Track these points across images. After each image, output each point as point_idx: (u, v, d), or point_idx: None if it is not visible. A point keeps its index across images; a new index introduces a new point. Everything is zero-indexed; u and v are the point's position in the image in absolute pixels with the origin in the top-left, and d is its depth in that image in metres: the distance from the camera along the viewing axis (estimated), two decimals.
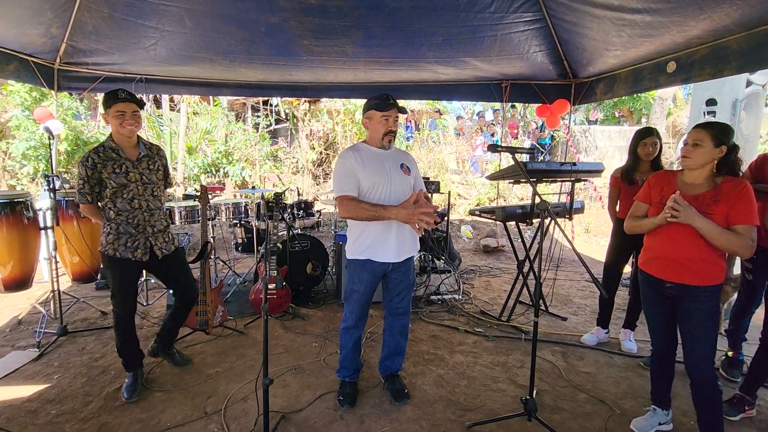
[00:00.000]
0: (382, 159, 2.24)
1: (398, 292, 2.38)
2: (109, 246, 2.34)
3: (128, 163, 2.34)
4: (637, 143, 2.89)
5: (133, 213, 2.36)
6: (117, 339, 2.48)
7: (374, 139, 2.25)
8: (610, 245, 3.10)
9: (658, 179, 2.11)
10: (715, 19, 2.76)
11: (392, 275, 2.34)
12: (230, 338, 3.24)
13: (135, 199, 2.36)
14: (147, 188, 2.41)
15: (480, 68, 4.53)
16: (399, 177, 2.25)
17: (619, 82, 4.17)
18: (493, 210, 3.32)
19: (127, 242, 2.36)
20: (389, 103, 2.16)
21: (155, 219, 2.45)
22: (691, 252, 1.92)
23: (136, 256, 2.38)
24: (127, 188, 2.33)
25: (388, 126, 2.20)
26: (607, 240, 6.20)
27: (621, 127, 12.22)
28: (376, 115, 2.19)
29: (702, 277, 1.91)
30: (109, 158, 2.30)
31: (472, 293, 4.36)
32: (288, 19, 3.53)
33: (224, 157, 8.92)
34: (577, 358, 3.01)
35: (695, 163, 1.91)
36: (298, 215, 4.31)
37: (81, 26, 3.79)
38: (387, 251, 2.23)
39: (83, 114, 7.98)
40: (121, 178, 2.30)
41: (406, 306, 2.45)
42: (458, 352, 3.07)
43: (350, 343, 2.41)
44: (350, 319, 2.38)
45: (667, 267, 1.99)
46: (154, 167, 2.46)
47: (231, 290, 4.16)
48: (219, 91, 5.44)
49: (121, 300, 2.42)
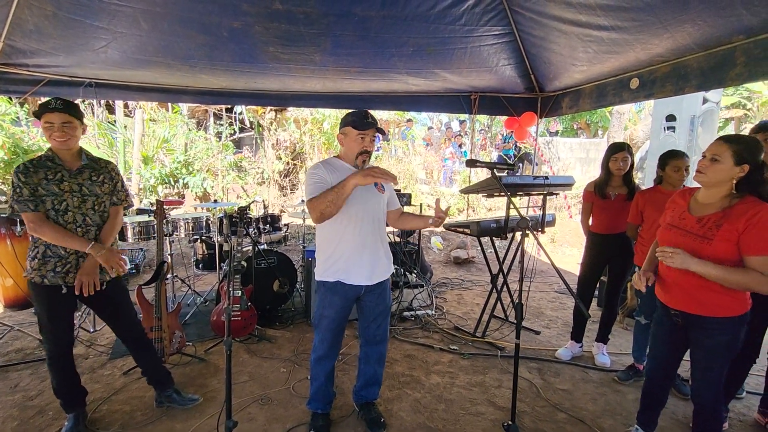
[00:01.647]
0: None
1: (374, 317, 2.24)
2: (35, 272, 2.03)
3: (64, 172, 2.07)
4: (609, 158, 2.92)
5: (63, 228, 2.05)
6: (52, 378, 2.17)
7: (348, 157, 2.12)
8: (584, 259, 3.11)
9: (674, 199, 1.95)
10: (677, 39, 2.85)
11: (366, 299, 2.19)
12: (189, 366, 2.97)
13: (69, 211, 2.06)
14: (86, 201, 2.11)
15: (450, 80, 4.52)
16: (373, 196, 2.13)
17: (584, 97, 4.27)
18: (467, 225, 3.26)
19: (56, 266, 2.04)
20: (367, 122, 2.04)
21: (91, 236, 2.13)
22: (694, 279, 1.71)
23: (68, 282, 2.06)
24: (59, 198, 2.03)
25: (364, 145, 2.06)
26: (573, 249, 6.24)
27: (581, 139, 12.73)
28: (353, 132, 2.06)
29: (709, 307, 1.72)
30: (43, 166, 2.04)
31: (445, 308, 4.28)
32: (252, 24, 3.36)
33: (184, 167, 8.46)
34: (553, 374, 2.97)
35: (709, 181, 1.71)
36: (264, 230, 4.09)
37: (20, 24, 3.44)
38: (359, 273, 2.09)
39: (24, 120, 7.32)
40: (52, 185, 2.02)
41: (383, 333, 2.30)
42: (434, 373, 2.95)
43: (323, 375, 2.23)
44: (321, 348, 2.20)
45: (671, 293, 1.85)
46: (98, 179, 2.18)
47: (191, 311, 3.86)
48: (178, 98, 5.13)
49: (52, 335, 2.10)
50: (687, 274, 1.73)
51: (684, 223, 1.81)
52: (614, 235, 2.97)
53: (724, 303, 1.71)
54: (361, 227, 2.06)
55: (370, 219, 2.08)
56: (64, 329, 2.16)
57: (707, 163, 1.70)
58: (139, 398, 2.55)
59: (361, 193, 2.05)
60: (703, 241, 1.70)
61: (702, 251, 1.70)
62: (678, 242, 1.78)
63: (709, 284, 1.70)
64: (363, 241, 2.08)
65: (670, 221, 1.88)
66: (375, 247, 2.12)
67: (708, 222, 1.72)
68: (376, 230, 2.14)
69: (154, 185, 8.11)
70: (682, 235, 1.79)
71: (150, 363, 2.44)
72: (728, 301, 1.71)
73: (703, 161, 1.72)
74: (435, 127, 13.10)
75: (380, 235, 2.17)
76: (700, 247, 1.71)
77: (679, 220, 1.84)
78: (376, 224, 2.14)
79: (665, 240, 1.86)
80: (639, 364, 2.90)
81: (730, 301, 1.71)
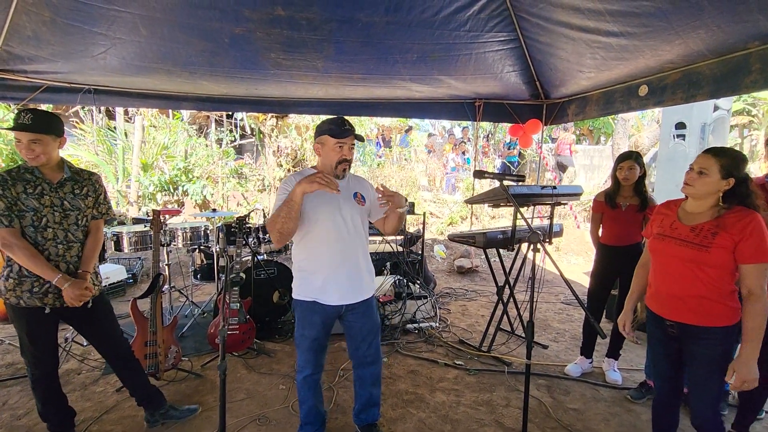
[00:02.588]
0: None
1: (362, 337, 2.11)
2: (9, 293, 1.90)
3: (45, 185, 1.96)
4: (616, 167, 2.83)
5: (42, 246, 1.92)
6: (36, 401, 2.08)
7: (326, 167, 1.99)
8: (594, 272, 3.01)
9: (659, 210, 1.95)
10: (690, 45, 2.77)
11: (349, 318, 2.07)
12: (185, 383, 2.87)
13: (49, 227, 1.94)
14: (69, 216, 2.00)
15: (454, 87, 4.45)
16: (351, 208, 2.01)
17: (590, 104, 4.19)
18: (473, 236, 3.16)
19: (33, 286, 1.91)
20: (345, 129, 1.92)
21: (73, 253, 2.02)
22: (690, 288, 1.73)
23: (47, 303, 1.93)
24: (38, 214, 1.92)
25: (342, 154, 1.95)
26: (578, 258, 6.10)
27: (585, 146, 12.65)
28: (330, 141, 1.94)
29: (702, 316, 1.72)
30: (22, 179, 1.92)
31: (449, 319, 4.17)
32: (254, 30, 3.29)
33: (183, 174, 8.39)
34: (563, 393, 2.85)
35: (697, 193, 1.75)
36: (264, 239, 4.00)
37: (18, 30, 3.38)
38: (337, 292, 1.97)
39: None
40: (31, 200, 1.90)
41: (374, 353, 2.16)
42: (439, 390, 2.84)
43: (311, 396, 2.11)
44: (306, 368, 2.07)
45: (666, 304, 1.83)
46: (81, 192, 2.07)
47: (188, 323, 3.76)
48: (178, 104, 5.07)
49: (33, 357, 1.99)
50: (687, 285, 1.74)
51: (677, 232, 1.80)
52: (625, 246, 2.87)
53: (719, 312, 1.71)
54: (336, 244, 1.95)
55: (346, 234, 1.96)
56: (46, 350, 2.03)
57: (695, 175, 1.74)
58: (132, 417, 2.45)
59: (332, 208, 1.95)
60: (701, 249, 1.70)
61: (701, 259, 1.71)
62: (673, 251, 1.78)
63: (702, 293, 1.71)
64: (340, 258, 1.96)
65: (660, 231, 1.87)
66: (354, 263, 2.00)
67: (702, 230, 1.73)
68: (356, 245, 2.02)
69: (153, 193, 8.04)
70: (677, 244, 1.78)
71: (137, 382, 2.33)
72: (723, 310, 1.71)
73: (691, 174, 1.77)
74: (437, 134, 13.03)
75: (360, 250, 2.05)
76: (698, 256, 1.71)
77: (670, 230, 1.83)
78: (355, 239, 2.01)
79: (658, 250, 1.86)
80: (651, 381, 2.78)
81: (724, 310, 1.71)
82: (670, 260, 1.80)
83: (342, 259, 1.97)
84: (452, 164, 10.66)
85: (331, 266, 1.96)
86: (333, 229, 1.94)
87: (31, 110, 1.92)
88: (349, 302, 2.01)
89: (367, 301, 2.10)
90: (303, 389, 2.12)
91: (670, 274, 1.80)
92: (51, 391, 2.09)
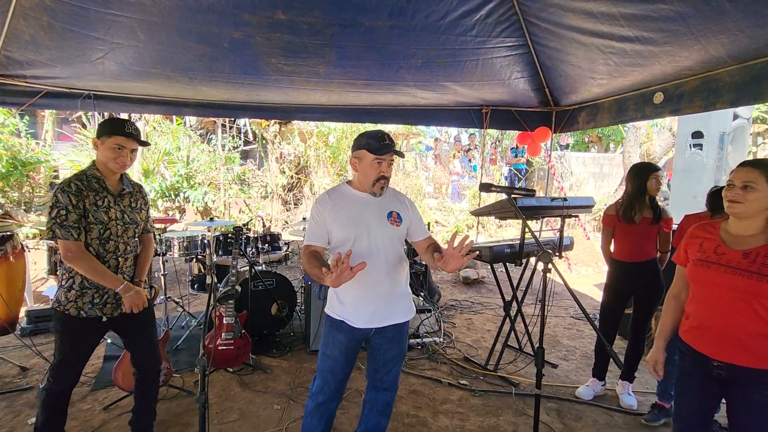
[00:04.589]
0: (363, 207, 1.86)
1: (384, 362, 1.96)
2: (70, 304, 1.90)
3: (110, 198, 1.97)
4: (648, 176, 2.66)
5: (104, 258, 1.94)
6: (39, 413, 1.97)
7: (362, 184, 1.87)
8: (607, 289, 2.84)
9: (694, 233, 1.71)
10: (710, 50, 2.63)
11: (375, 340, 1.93)
12: (176, 401, 2.74)
13: (111, 240, 1.96)
14: (129, 229, 2.03)
15: (460, 93, 4.33)
16: (382, 229, 1.86)
17: (602, 112, 4.05)
18: (479, 250, 3.01)
19: (94, 297, 1.93)
20: (385, 144, 1.78)
21: (129, 264, 2.06)
22: (746, 324, 1.49)
23: (106, 313, 1.95)
24: (105, 226, 1.93)
25: (381, 171, 1.81)
26: (587, 269, 5.88)
27: (595, 154, 12.45)
28: (368, 157, 1.80)
29: (762, 358, 1.48)
30: (92, 188, 1.91)
31: (453, 334, 4.01)
32: (254, 34, 3.21)
33: (185, 180, 8.32)
34: (574, 418, 2.68)
35: (747, 211, 1.51)
36: (262, 249, 3.88)
37: (16, 35, 3.33)
38: (366, 317, 1.84)
39: (24, 132, 7.24)
40: (101, 213, 1.91)
41: (392, 381, 2.01)
42: (442, 413, 2.69)
43: (319, 426, 1.94)
44: (322, 393, 1.91)
45: (714, 341, 1.56)
46: (137, 206, 2.10)
47: (183, 335, 3.64)
48: (179, 110, 5.01)
49: (66, 369, 1.95)
50: (743, 321, 1.49)
51: (725, 258, 1.56)
52: (640, 263, 2.71)
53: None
54: (369, 271, 1.76)
55: (377, 257, 1.82)
56: (79, 366, 2.01)
57: (740, 191, 1.52)
58: None
59: (361, 230, 1.82)
60: (760, 278, 1.46)
61: (761, 291, 1.46)
62: (722, 281, 1.54)
63: (763, 331, 1.46)
64: (369, 281, 1.80)
65: (702, 257, 1.62)
66: (385, 287, 1.86)
67: (759, 256, 1.49)
68: (390, 269, 1.88)
69: (153, 199, 7.97)
70: (727, 272, 1.54)
71: (146, 404, 2.24)
72: None
73: (734, 190, 1.54)
74: (443, 139, 12.90)
75: (396, 274, 1.91)
76: (757, 287, 1.46)
77: (715, 256, 1.59)
78: (390, 263, 1.87)
79: (702, 279, 1.62)
80: (663, 402, 2.61)
81: None
82: (719, 291, 1.56)
83: (371, 282, 1.82)
84: (458, 171, 10.52)
85: (360, 289, 1.81)
86: (361, 251, 1.80)
87: (132, 122, 2.01)
88: (376, 326, 1.88)
89: (398, 325, 1.94)
90: (313, 417, 1.93)
91: (720, 308, 1.56)
92: (59, 410, 2.02)
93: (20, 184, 6.59)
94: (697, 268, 1.63)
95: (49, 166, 6.69)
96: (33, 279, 4.86)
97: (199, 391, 1.36)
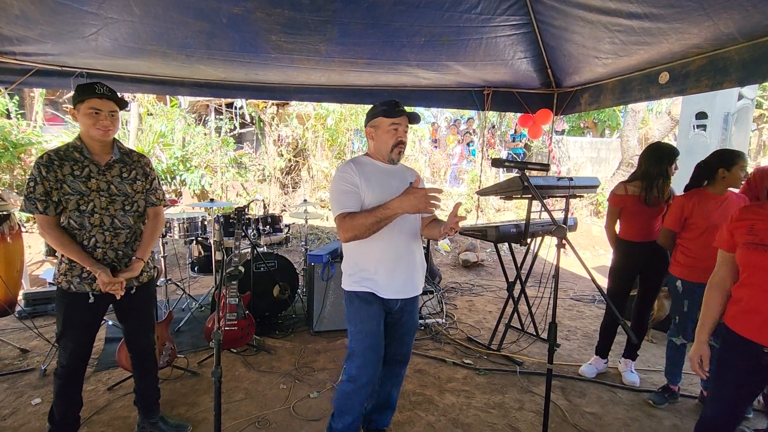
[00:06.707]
0: (389, 177, 1.87)
1: (400, 335, 1.97)
2: (62, 277, 1.87)
3: (92, 167, 1.88)
4: (671, 161, 2.64)
5: (89, 232, 1.86)
6: (54, 400, 1.95)
7: (380, 152, 1.88)
8: (614, 270, 2.84)
9: (741, 216, 1.61)
10: (720, 27, 2.59)
11: (396, 315, 1.92)
12: (180, 381, 2.73)
13: (95, 213, 1.87)
14: (115, 201, 1.93)
15: (463, 73, 4.27)
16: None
17: (605, 93, 4.01)
18: (484, 230, 3.00)
19: (82, 272, 1.87)
20: (399, 110, 1.84)
21: (121, 240, 1.95)
22: None
23: (95, 289, 1.89)
24: (85, 198, 1.85)
25: (398, 136, 1.85)
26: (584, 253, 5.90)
27: (592, 139, 12.43)
28: (384, 122, 1.84)
29: None
30: (69, 157, 1.84)
31: (455, 315, 4.03)
32: (253, 10, 3.10)
33: (181, 163, 8.19)
34: (578, 395, 2.72)
35: None
36: (264, 231, 3.84)
37: (5, 9, 3.19)
38: (395, 286, 1.84)
39: (14, 112, 7.03)
40: (78, 183, 1.83)
41: (406, 353, 2.05)
42: (448, 391, 2.71)
43: (358, 407, 1.88)
44: (363, 374, 1.82)
45: (766, 326, 1.49)
46: (130, 176, 1.99)
47: (185, 317, 3.62)
48: (175, 90, 4.89)
49: (67, 343, 1.91)
50: None
51: None
52: (650, 242, 2.71)
53: None
54: (398, 241, 1.85)
55: (406, 228, 1.87)
56: (81, 341, 1.95)
57: None
58: (123, 419, 2.32)
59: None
60: None
61: None
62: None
63: None
64: (399, 252, 1.86)
65: (755, 240, 1.53)
66: (411, 257, 1.90)
67: None
68: (414, 240, 1.93)
69: None
70: None
71: (145, 384, 2.21)
72: None
73: None
74: (444, 125, 12.78)
75: (416, 243, 1.95)
76: None
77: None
78: (413, 233, 1.93)
79: (757, 263, 1.53)
80: (674, 386, 2.65)
81: None
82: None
83: (401, 253, 1.86)
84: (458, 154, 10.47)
85: (392, 260, 1.84)
86: (394, 229, 1.80)
87: (103, 83, 1.88)
88: (404, 297, 1.89)
89: (416, 298, 1.98)
90: (352, 399, 1.86)
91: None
92: (71, 387, 1.97)
93: (12, 167, 6.43)
94: (750, 252, 1.55)
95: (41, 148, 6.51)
96: (28, 263, 4.79)
97: (215, 365, 1.34)
